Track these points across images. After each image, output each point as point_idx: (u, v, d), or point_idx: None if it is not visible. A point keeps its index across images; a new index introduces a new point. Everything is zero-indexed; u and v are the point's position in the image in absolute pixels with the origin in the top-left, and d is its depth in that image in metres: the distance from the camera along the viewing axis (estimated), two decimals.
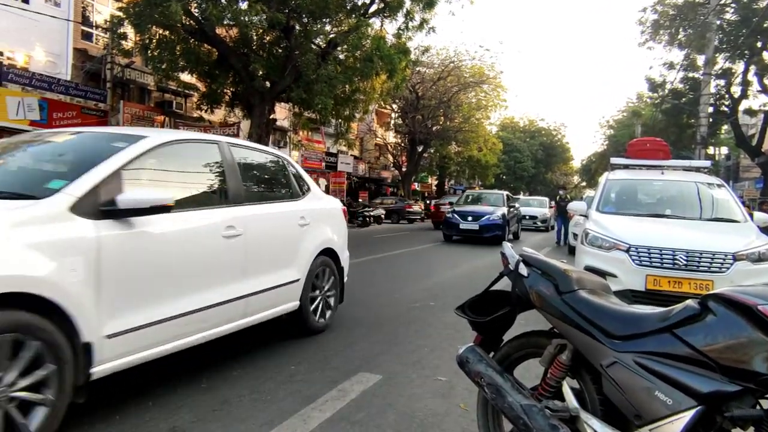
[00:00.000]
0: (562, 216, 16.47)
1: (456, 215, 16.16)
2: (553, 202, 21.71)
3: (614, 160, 7.86)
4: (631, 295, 5.03)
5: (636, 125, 34.11)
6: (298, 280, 4.43)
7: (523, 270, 2.25)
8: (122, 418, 2.91)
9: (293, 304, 4.43)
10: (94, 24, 19.59)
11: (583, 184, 66.77)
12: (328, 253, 4.97)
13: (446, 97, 33.03)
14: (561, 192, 18.32)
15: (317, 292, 4.82)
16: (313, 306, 4.75)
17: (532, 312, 2.28)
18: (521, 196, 36.11)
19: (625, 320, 1.90)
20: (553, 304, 2.09)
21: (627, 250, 5.28)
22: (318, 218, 4.89)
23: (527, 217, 23.13)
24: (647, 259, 5.16)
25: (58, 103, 16.92)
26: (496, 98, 36.30)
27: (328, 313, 5.01)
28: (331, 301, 5.08)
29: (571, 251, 12.68)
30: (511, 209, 16.99)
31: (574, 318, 2.00)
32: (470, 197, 18.91)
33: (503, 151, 47.78)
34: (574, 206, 7.13)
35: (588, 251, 5.66)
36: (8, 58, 16.60)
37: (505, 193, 18.43)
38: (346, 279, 5.46)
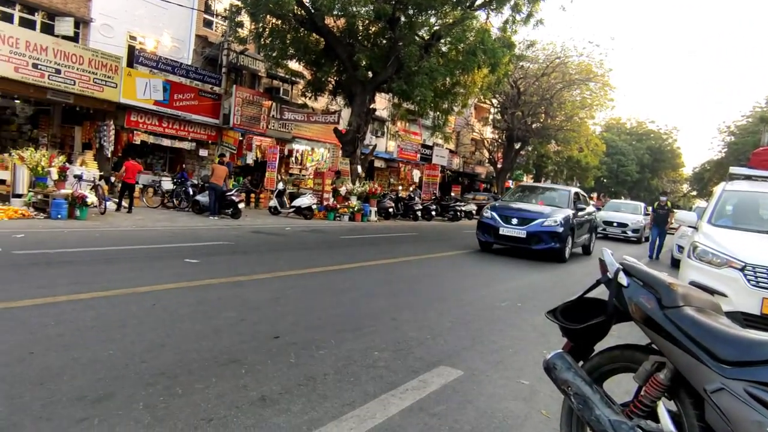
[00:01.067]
0: (659, 226, 14.64)
1: (495, 216, 11.41)
2: (650, 209, 18.67)
3: (734, 170, 7.27)
4: (742, 319, 4.63)
5: (763, 132, 30.91)
6: None
7: (623, 279, 2.15)
8: (218, 381, 3.14)
9: None
10: (214, 12, 20.96)
11: (694, 193, 62.15)
12: None
13: (549, 94, 31.92)
14: (662, 198, 15.23)
15: None
16: None
17: (626, 324, 2.17)
18: (621, 200, 34.05)
19: (737, 345, 1.76)
20: (653, 319, 1.98)
21: (742, 269, 4.87)
22: None
23: (615, 224, 20.41)
24: (766, 280, 4.72)
25: (179, 86, 18.38)
26: (603, 97, 34.60)
27: None
28: None
29: (674, 265, 11.81)
30: (580, 213, 12.31)
31: (678, 336, 1.88)
32: (523, 192, 14.01)
33: (606, 153, 45.48)
34: (682, 216, 6.65)
35: (695, 266, 5.28)
36: (140, 43, 18.24)
37: (574, 189, 13.41)
38: None
